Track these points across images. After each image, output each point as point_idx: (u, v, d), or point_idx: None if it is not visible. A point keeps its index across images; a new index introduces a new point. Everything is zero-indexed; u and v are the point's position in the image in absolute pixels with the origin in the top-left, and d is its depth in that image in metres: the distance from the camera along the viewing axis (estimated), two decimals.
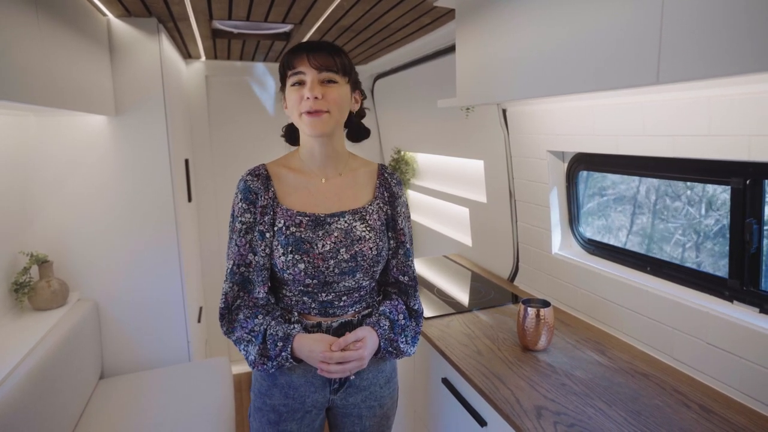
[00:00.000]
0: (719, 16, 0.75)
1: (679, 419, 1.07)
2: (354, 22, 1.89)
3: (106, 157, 1.93)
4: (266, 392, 1.13)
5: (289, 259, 1.04)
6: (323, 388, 1.13)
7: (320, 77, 1.03)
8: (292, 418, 1.12)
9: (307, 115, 1.03)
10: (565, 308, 1.73)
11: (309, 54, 1.02)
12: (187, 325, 2.13)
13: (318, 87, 1.02)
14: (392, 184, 1.19)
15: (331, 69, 1.03)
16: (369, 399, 1.17)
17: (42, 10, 1.27)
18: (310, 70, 1.02)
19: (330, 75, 1.04)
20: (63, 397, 1.55)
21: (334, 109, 1.04)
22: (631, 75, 0.92)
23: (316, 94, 1.02)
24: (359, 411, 1.17)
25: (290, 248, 1.05)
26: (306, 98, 1.02)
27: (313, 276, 1.06)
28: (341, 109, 1.07)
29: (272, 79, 3.03)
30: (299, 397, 1.11)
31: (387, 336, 1.11)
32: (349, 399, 1.15)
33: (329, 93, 1.04)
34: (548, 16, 1.14)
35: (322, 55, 1.03)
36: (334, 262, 1.06)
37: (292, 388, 1.11)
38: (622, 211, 1.71)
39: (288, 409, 1.12)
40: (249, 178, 1.09)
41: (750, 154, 1.06)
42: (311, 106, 1.02)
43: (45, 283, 1.76)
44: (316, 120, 1.03)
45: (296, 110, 1.05)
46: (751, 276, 1.18)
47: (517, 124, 1.83)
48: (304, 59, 1.02)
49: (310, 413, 1.14)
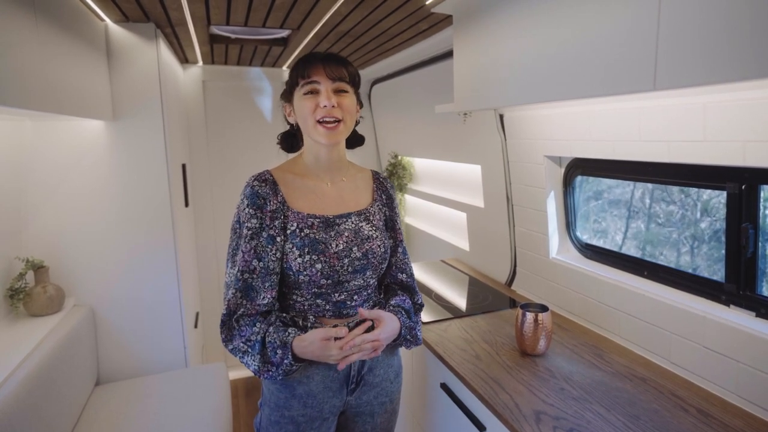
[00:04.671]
0: (715, 24, 0.76)
1: (677, 423, 1.07)
2: (352, 28, 1.90)
3: (103, 162, 1.92)
4: (284, 404, 1.11)
5: (306, 260, 1.06)
6: (341, 391, 1.13)
7: (333, 87, 1.07)
8: (311, 427, 1.12)
9: (322, 125, 1.07)
10: (563, 313, 1.73)
11: (325, 65, 1.06)
12: (183, 331, 2.12)
13: (333, 96, 1.06)
14: (387, 187, 1.26)
15: (343, 79, 1.08)
16: (381, 395, 1.19)
17: (40, 16, 1.27)
18: (325, 79, 1.06)
19: (342, 85, 1.08)
20: (59, 404, 1.54)
21: (347, 118, 1.09)
22: (627, 81, 0.93)
23: (333, 102, 1.05)
24: (372, 408, 1.19)
25: (306, 249, 1.06)
26: (323, 106, 1.05)
27: (329, 276, 1.08)
28: (352, 118, 1.12)
29: (269, 85, 3.03)
30: (317, 405, 1.11)
31: (407, 324, 1.16)
32: (363, 397, 1.17)
33: (342, 102, 1.08)
34: (545, 23, 1.15)
35: (336, 66, 1.07)
36: (348, 260, 1.09)
37: (311, 396, 1.10)
38: (618, 215, 1.72)
39: (307, 418, 1.11)
40: (256, 183, 1.10)
41: (745, 160, 1.07)
42: (328, 113, 1.06)
43: (41, 288, 1.74)
44: (332, 132, 1.07)
45: (311, 118, 1.07)
46: (747, 280, 1.19)
47: (514, 129, 1.84)
48: (320, 69, 1.06)
49: (327, 420, 1.14)
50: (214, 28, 1.97)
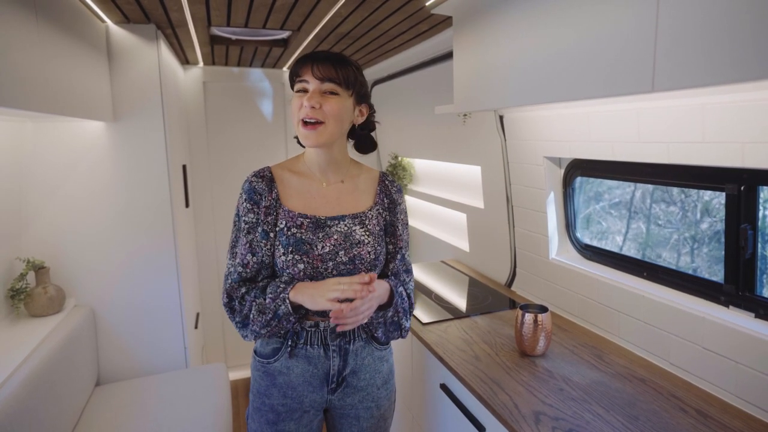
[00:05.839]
0: (713, 25, 0.76)
1: (675, 424, 1.08)
2: (352, 29, 1.91)
3: (104, 162, 1.93)
4: (265, 392, 1.15)
5: (289, 259, 1.07)
6: (321, 388, 1.15)
7: (322, 88, 1.06)
8: (291, 417, 1.14)
9: (302, 125, 1.07)
10: (563, 313, 1.73)
11: (314, 64, 1.06)
12: (184, 332, 2.12)
13: (318, 96, 1.06)
14: (393, 191, 1.23)
15: (333, 80, 1.06)
16: (366, 400, 1.18)
17: (41, 17, 1.27)
18: (312, 79, 1.06)
19: (332, 86, 1.07)
20: (59, 404, 1.54)
21: (330, 121, 1.07)
22: (626, 83, 0.93)
23: (314, 103, 1.05)
24: (356, 412, 1.19)
25: (291, 248, 1.07)
26: (305, 106, 1.06)
27: (312, 276, 1.08)
28: (339, 121, 1.09)
29: (269, 86, 3.03)
30: (297, 397, 1.13)
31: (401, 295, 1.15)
32: (347, 399, 1.17)
33: (328, 103, 1.07)
34: (544, 25, 1.16)
35: (326, 66, 1.06)
36: (332, 263, 1.09)
37: (290, 388, 1.13)
38: (618, 216, 1.72)
39: (286, 408, 1.14)
40: (254, 179, 1.13)
41: (744, 161, 1.07)
42: (307, 114, 1.06)
43: (41, 289, 1.75)
44: (311, 132, 1.07)
45: (296, 116, 1.09)
46: (746, 281, 1.19)
47: (514, 130, 1.84)
48: (308, 69, 1.06)
49: (308, 413, 1.16)
50: (215, 29, 1.97)
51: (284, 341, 1.12)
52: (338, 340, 1.13)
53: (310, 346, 1.12)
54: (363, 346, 1.16)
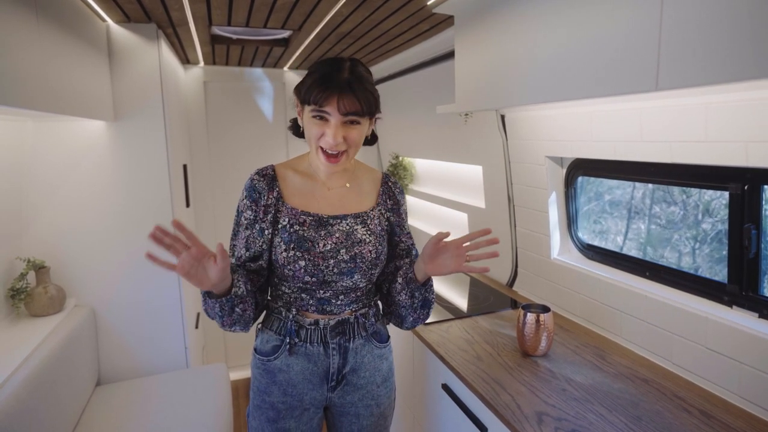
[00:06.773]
0: (717, 24, 0.75)
1: (679, 424, 1.07)
2: (353, 29, 1.90)
3: (105, 162, 1.92)
4: (265, 389, 1.15)
5: (291, 256, 1.07)
6: (321, 386, 1.15)
7: (344, 119, 1.02)
8: (291, 415, 1.14)
9: (323, 155, 1.05)
10: (565, 313, 1.73)
11: (340, 98, 0.99)
12: (184, 332, 2.12)
13: (341, 129, 1.02)
14: (396, 192, 1.24)
15: (357, 113, 1.02)
16: (366, 398, 1.19)
17: (42, 16, 1.27)
18: (336, 113, 1.01)
19: (355, 118, 1.03)
20: (60, 404, 1.54)
21: (351, 149, 1.06)
22: (629, 82, 0.93)
23: (339, 139, 1.02)
24: (356, 410, 1.19)
25: (292, 245, 1.08)
26: (325, 136, 1.02)
27: (313, 274, 1.08)
28: (358, 146, 1.08)
29: (270, 85, 3.03)
30: (297, 395, 1.14)
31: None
32: (347, 397, 1.18)
33: (350, 134, 1.04)
34: (547, 23, 1.15)
35: (351, 99, 1.00)
36: (333, 261, 1.09)
37: (290, 385, 1.13)
38: (619, 215, 1.72)
39: (286, 406, 1.14)
40: (256, 177, 1.13)
41: (747, 160, 1.06)
42: (331, 147, 1.03)
43: (42, 289, 1.74)
44: (332, 164, 1.06)
45: (314, 142, 1.06)
46: (750, 281, 1.19)
47: (515, 129, 1.83)
48: (333, 102, 1.00)
49: (308, 411, 1.16)
50: (216, 28, 1.97)
51: (284, 339, 1.12)
52: (338, 338, 1.13)
53: (310, 343, 1.12)
54: (363, 344, 1.16)
